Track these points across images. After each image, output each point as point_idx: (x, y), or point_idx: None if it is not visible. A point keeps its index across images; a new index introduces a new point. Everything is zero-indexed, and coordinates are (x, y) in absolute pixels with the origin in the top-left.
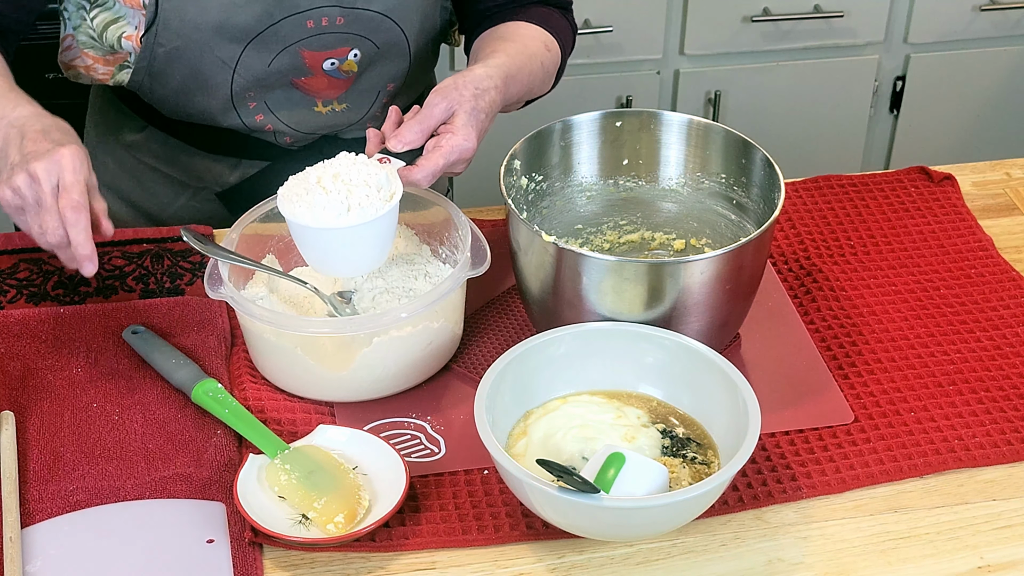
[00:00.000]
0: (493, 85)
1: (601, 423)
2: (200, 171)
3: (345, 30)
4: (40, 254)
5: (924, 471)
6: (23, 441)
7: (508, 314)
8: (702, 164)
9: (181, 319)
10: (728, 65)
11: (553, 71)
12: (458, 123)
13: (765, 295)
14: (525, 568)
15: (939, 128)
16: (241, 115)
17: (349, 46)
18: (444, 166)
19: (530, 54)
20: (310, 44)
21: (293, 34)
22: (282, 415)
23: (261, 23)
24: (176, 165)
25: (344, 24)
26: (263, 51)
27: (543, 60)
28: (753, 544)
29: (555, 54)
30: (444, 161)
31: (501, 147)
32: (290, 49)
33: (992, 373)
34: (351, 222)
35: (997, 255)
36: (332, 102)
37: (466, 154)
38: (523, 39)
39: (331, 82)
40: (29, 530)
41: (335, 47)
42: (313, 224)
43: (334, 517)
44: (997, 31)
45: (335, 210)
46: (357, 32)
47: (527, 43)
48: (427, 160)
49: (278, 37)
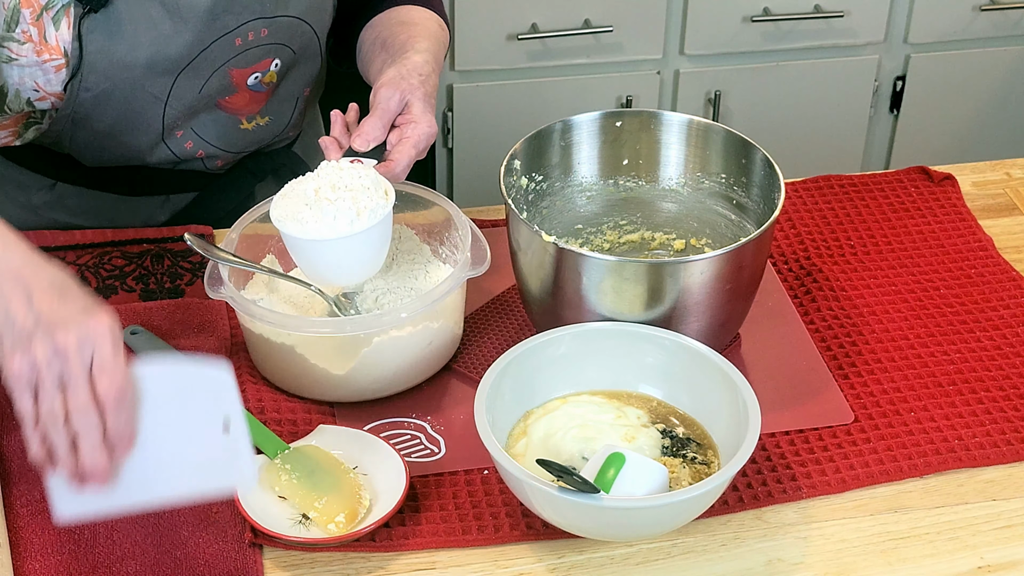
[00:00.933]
0: (431, 69)
1: (601, 423)
2: (126, 216)
3: (268, 41)
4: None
5: (924, 471)
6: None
7: (508, 314)
8: (702, 164)
9: (181, 320)
10: (728, 65)
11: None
12: (416, 111)
13: (765, 295)
14: (525, 568)
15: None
16: (171, 146)
17: (271, 57)
18: (416, 155)
19: (436, 37)
20: (238, 62)
21: (222, 55)
22: (282, 415)
23: (192, 51)
24: (98, 215)
25: (267, 36)
26: (194, 78)
27: (443, 42)
28: (753, 544)
29: (447, 34)
30: (415, 151)
31: (501, 147)
32: (220, 71)
33: (992, 373)
34: (368, 224)
35: (997, 255)
36: (255, 116)
37: (431, 139)
38: (424, 23)
39: (253, 96)
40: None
41: (259, 60)
42: (331, 235)
43: (335, 517)
44: (997, 31)
45: (346, 216)
46: (278, 41)
47: (429, 27)
48: (399, 153)
49: (208, 61)
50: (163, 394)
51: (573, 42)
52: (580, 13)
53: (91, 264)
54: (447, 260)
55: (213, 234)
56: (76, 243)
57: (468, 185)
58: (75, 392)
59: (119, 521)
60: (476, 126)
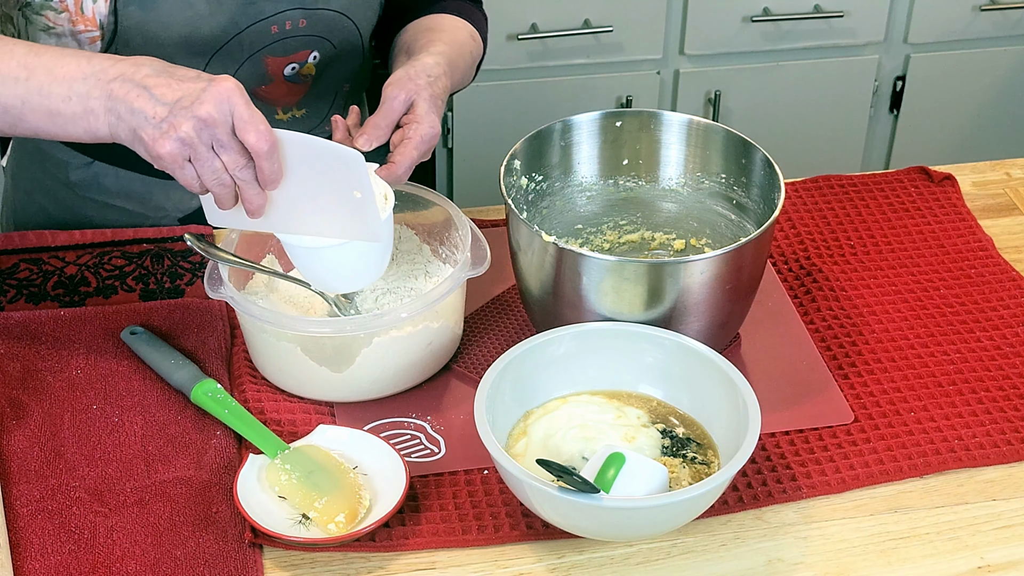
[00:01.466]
0: (442, 72)
1: (601, 423)
2: (159, 199)
3: (307, 32)
4: (40, 254)
5: (924, 471)
6: (23, 442)
7: (508, 314)
8: (702, 164)
9: (181, 320)
10: (728, 65)
11: (477, 62)
12: (420, 112)
13: (765, 295)
14: (525, 568)
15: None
16: None
17: (309, 49)
18: (418, 156)
19: (461, 44)
20: (274, 50)
21: (258, 41)
22: (282, 415)
23: (227, 33)
24: (131, 197)
25: (306, 27)
26: (228, 62)
27: (471, 50)
28: (753, 544)
29: (479, 45)
30: (417, 152)
31: (501, 147)
32: (254, 57)
33: (992, 373)
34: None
35: (997, 255)
36: (292, 108)
37: (434, 141)
38: (452, 30)
39: (290, 88)
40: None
41: (297, 51)
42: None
43: (335, 517)
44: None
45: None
46: (317, 34)
47: (456, 34)
48: (401, 155)
49: (243, 46)
50: (299, 155)
51: (573, 42)
52: (580, 13)
53: (91, 264)
54: (447, 260)
55: (213, 234)
56: (76, 243)
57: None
58: (230, 151)
59: (119, 521)
60: (476, 126)
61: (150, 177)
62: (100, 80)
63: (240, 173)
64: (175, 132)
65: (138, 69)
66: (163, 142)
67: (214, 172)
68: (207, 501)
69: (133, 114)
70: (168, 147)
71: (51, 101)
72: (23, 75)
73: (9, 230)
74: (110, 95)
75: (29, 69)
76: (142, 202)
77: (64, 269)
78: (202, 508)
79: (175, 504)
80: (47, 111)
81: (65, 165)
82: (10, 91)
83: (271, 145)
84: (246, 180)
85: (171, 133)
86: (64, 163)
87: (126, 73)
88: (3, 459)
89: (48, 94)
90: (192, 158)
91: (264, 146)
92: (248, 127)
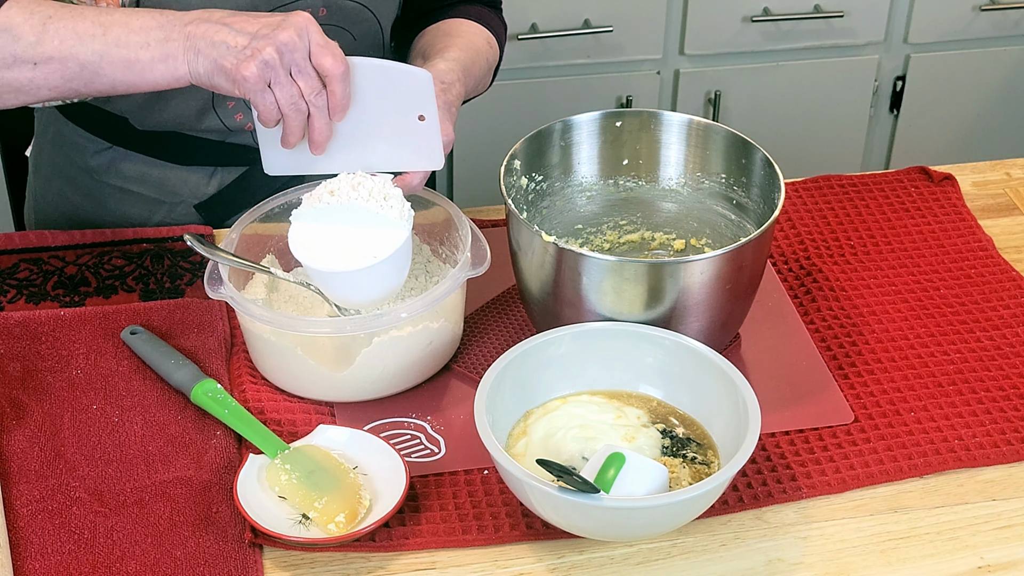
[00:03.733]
0: (456, 78)
1: (601, 423)
2: (175, 185)
3: (326, 22)
4: (40, 254)
5: (924, 471)
6: (23, 442)
7: (508, 314)
8: (702, 164)
9: (181, 320)
10: (728, 65)
11: (493, 68)
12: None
13: (765, 295)
14: (525, 568)
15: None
16: (221, 116)
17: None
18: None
19: (477, 50)
20: None
21: None
22: (282, 415)
23: None
24: (148, 183)
25: (326, 16)
26: None
27: (488, 57)
28: (753, 544)
29: (495, 51)
30: None
31: (501, 147)
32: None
33: (992, 373)
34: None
35: (997, 255)
36: None
37: (448, 147)
38: (468, 36)
39: None
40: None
41: None
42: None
43: (335, 517)
44: (997, 31)
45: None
46: (337, 23)
47: (472, 40)
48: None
49: None
50: (368, 81)
51: (573, 42)
52: (580, 13)
53: (91, 264)
54: (447, 260)
55: (213, 234)
56: (76, 243)
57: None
58: (307, 76)
59: (119, 521)
60: (476, 126)
61: (167, 162)
62: (176, 24)
63: (314, 99)
64: (259, 55)
65: (212, 13)
66: (248, 64)
67: (291, 97)
68: (207, 501)
69: (214, 46)
70: (252, 69)
71: (129, 50)
72: (99, 32)
73: (31, 217)
74: (188, 36)
75: (104, 26)
76: (159, 187)
77: (64, 269)
78: (202, 508)
79: (175, 504)
80: (125, 61)
81: (84, 150)
82: (88, 47)
83: (345, 69)
84: (319, 107)
85: (255, 57)
86: (83, 148)
87: (202, 16)
88: (3, 459)
89: (126, 43)
90: (272, 82)
91: (339, 69)
92: (324, 52)
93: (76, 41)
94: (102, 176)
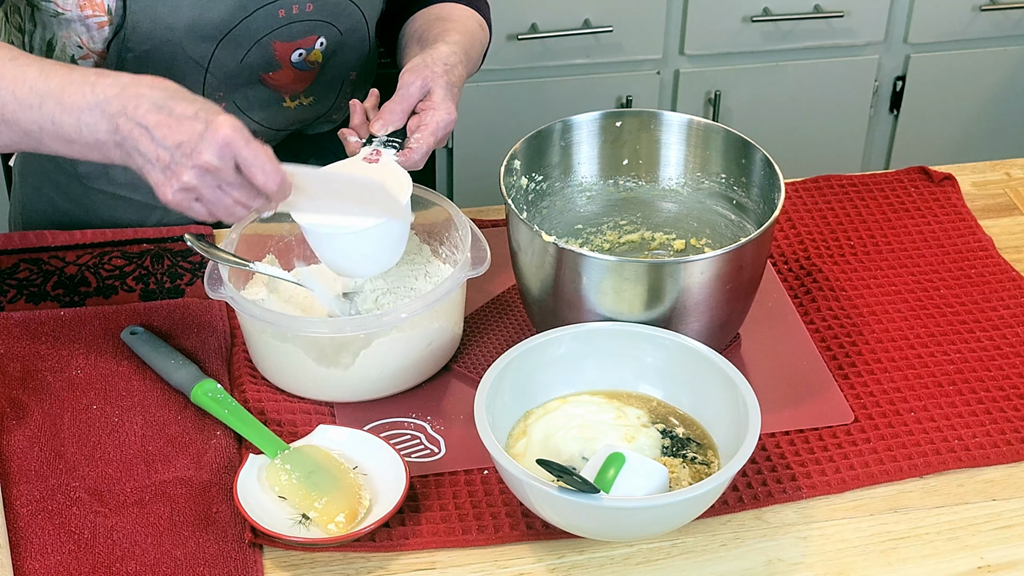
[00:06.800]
0: (458, 60)
1: (601, 423)
2: None
3: (313, 17)
4: (40, 254)
5: (924, 471)
6: (23, 442)
7: (508, 314)
8: (702, 164)
9: (181, 320)
10: (728, 65)
11: (485, 49)
12: (437, 98)
13: (765, 295)
14: (525, 568)
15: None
16: None
17: (316, 34)
18: (435, 143)
19: (472, 34)
20: (281, 35)
21: (265, 26)
22: (282, 415)
23: (235, 17)
24: (139, 188)
25: (312, 11)
26: (235, 47)
27: (481, 39)
28: (753, 544)
29: (487, 34)
30: (434, 138)
31: (501, 147)
32: (262, 42)
33: (992, 373)
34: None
35: (997, 255)
36: (299, 96)
37: (450, 127)
38: (462, 20)
39: (297, 75)
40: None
41: (303, 36)
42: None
43: (335, 517)
44: (997, 31)
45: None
46: (323, 19)
47: (467, 24)
48: (418, 141)
49: (250, 31)
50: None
51: (573, 42)
52: (580, 13)
53: (91, 264)
54: (447, 260)
55: (213, 234)
56: (76, 243)
57: (468, 185)
58: (239, 188)
59: (119, 521)
60: (476, 126)
61: None
62: (105, 113)
63: (254, 203)
64: (177, 181)
65: (139, 103)
66: (166, 190)
67: (225, 208)
68: (207, 501)
69: (139, 154)
70: (171, 195)
71: (64, 130)
72: (36, 102)
73: (18, 225)
74: (116, 130)
75: (41, 96)
76: (151, 192)
77: (64, 269)
78: (202, 508)
79: (175, 504)
80: (63, 139)
81: (68, 159)
82: (27, 117)
83: (279, 184)
84: (259, 208)
85: (173, 182)
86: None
87: (128, 108)
88: (3, 459)
89: (60, 123)
90: (199, 199)
91: (272, 186)
92: (254, 170)
93: (17, 107)
94: (92, 183)
